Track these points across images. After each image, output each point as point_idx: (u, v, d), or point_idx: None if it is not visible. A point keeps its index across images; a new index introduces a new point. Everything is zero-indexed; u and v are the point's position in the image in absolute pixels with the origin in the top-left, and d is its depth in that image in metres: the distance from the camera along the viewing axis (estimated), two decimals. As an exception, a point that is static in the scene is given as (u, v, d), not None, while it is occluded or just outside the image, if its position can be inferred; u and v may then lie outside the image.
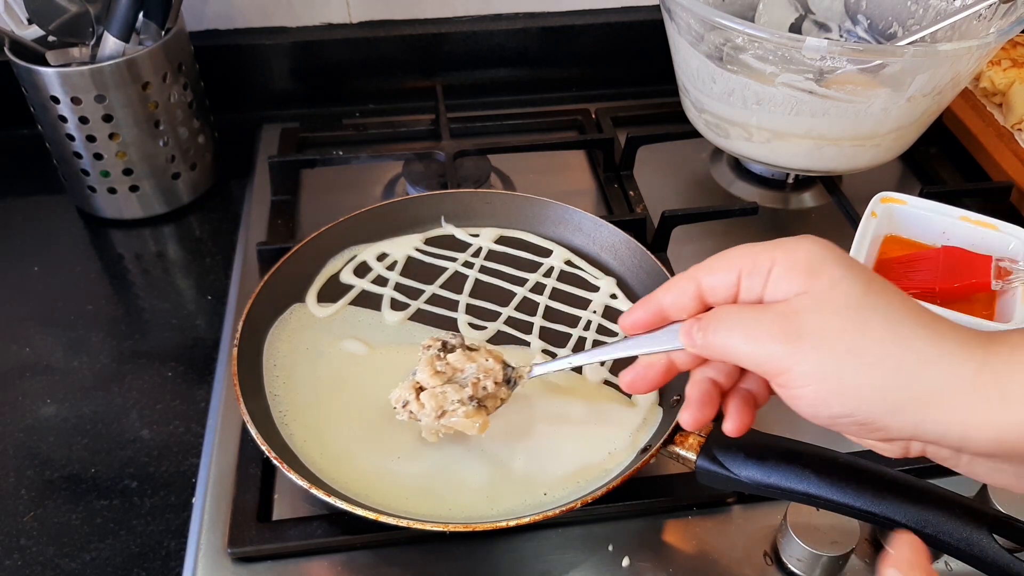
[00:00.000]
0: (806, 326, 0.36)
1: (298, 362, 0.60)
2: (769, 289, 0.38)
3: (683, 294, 0.41)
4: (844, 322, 0.36)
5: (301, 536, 0.52)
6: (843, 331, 0.36)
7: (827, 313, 0.36)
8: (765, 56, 0.70)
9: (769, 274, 0.38)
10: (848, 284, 0.36)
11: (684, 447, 0.50)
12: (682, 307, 0.42)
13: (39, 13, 0.71)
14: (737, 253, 0.39)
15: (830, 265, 0.37)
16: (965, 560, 0.42)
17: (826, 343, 0.36)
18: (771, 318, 0.37)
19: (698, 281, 0.40)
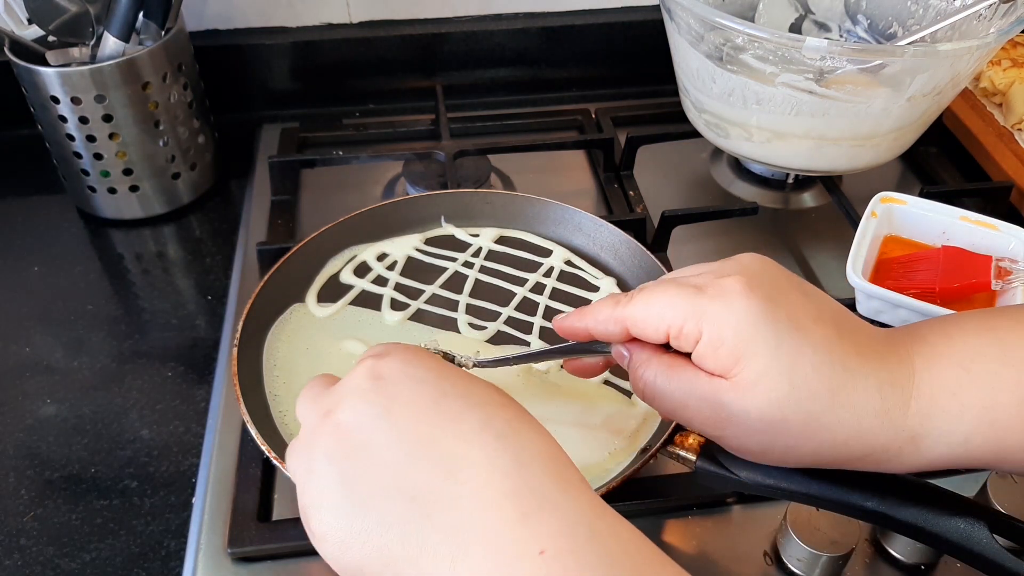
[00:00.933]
0: (731, 419, 0.38)
1: (298, 362, 0.60)
2: (696, 357, 0.38)
3: (612, 333, 0.42)
4: (765, 422, 0.37)
5: (301, 536, 0.52)
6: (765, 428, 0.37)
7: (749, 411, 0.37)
8: (765, 56, 0.70)
9: (696, 344, 0.38)
10: (771, 380, 0.36)
11: (684, 447, 0.50)
12: (610, 339, 0.43)
13: (39, 13, 0.71)
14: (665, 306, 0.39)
15: (755, 353, 0.36)
16: (965, 560, 0.42)
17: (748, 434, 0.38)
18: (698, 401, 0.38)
19: (625, 327, 0.41)
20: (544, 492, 0.32)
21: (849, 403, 0.36)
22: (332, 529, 0.34)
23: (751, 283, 0.37)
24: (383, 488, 0.33)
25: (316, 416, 0.36)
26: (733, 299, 0.37)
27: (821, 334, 0.37)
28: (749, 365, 0.36)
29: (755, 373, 0.36)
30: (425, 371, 0.36)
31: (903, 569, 0.52)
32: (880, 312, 0.62)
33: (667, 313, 0.38)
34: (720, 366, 0.37)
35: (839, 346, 0.37)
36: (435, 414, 0.34)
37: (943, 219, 0.68)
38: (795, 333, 0.36)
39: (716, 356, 0.37)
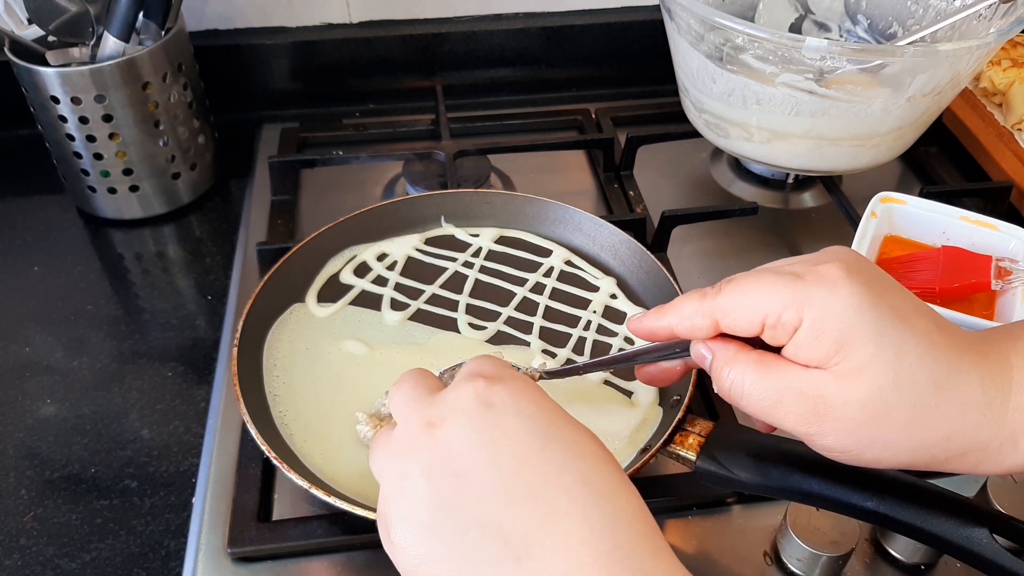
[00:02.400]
0: (829, 413, 0.36)
1: (298, 362, 0.60)
2: (791, 348, 0.37)
3: (697, 328, 0.40)
4: (867, 414, 0.35)
5: (301, 536, 0.52)
6: (866, 422, 0.35)
7: (851, 402, 0.35)
8: (765, 56, 0.70)
9: (794, 333, 0.36)
10: (875, 369, 0.35)
11: (684, 447, 0.50)
12: (695, 335, 0.41)
13: (39, 13, 0.71)
14: (762, 295, 0.37)
15: (859, 340, 0.35)
16: (965, 560, 0.42)
17: (848, 429, 0.36)
18: (793, 397, 0.37)
19: (715, 320, 0.39)
20: (635, 558, 0.32)
21: (953, 397, 0.35)
22: (415, 545, 0.34)
23: (851, 270, 0.36)
24: (478, 521, 0.33)
25: (418, 423, 0.36)
26: (836, 285, 0.35)
27: (923, 326, 0.36)
28: (853, 353, 0.35)
29: (859, 361, 0.35)
30: (536, 408, 0.36)
31: (903, 569, 0.52)
32: (880, 312, 0.62)
33: (764, 301, 0.37)
34: (820, 355, 0.36)
35: (941, 339, 0.36)
36: (540, 460, 0.34)
37: (943, 219, 0.68)
38: (899, 323, 0.35)
39: (816, 345, 0.35)
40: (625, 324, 0.44)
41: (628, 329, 0.44)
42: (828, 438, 0.37)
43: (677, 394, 0.57)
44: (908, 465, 0.37)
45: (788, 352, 0.37)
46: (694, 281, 0.72)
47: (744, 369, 0.38)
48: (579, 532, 0.32)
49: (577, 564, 0.32)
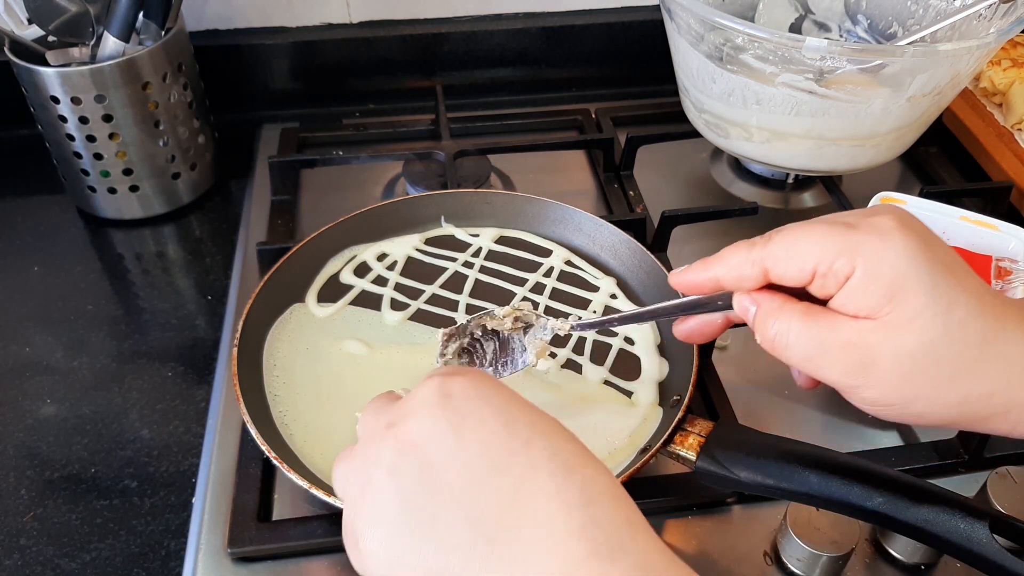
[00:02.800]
0: (876, 364, 0.36)
1: (298, 362, 0.60)
2: (841, 298, 0.36)
3: (746, 278, 0.39)
4: (915, 366, 0.35)
5: (301, 536, 0.52)
6: (913, 374, 0.35)
7: (900, 353, 0.35)
8: (765, 56, 0.70)
9: (846, 281, 0.36)
10: (926, 320, 0.34)
11: (684, 447, 0.50)
12: (742, 286, 0.40)
13: (39, 13, 0.71)
14: (815, 243, 0.36)
15: (912, 291, 0.34)
16: (965, 560, 0.42)
17: (893, 381, 0.36)
18: (839, 347, 0.36)
19: (764, 268, 0.38)
20: (613, 532, 0.31)
21: (999, 354, 0.35)
22: (385, 549, 0.32)
23: (904, 223, 0.36)
24: (447, 511, 0.32)
25: (377, 428, 0.35)
26: (890, 235, 0.35)
27: (973, 281, 0.36)
28: (904, 303, 0.34)
29: (910, 311, 0.34)
30: (495, 393, 0.35)
31: (903, 569, 0.52)
32: (880, 312, 0.62)
33: (815, 249, 0.36)
34: (870, 305, 0.35)
35: (989, 297, 0.36)
36: (505, 438, 0.33)
37: (943, 219, 0.68)
38: (950, 276, 0.35)
39: (867, 293, 0.35)
40: (670, 278, 0.43)
41: (671, 283, 0.43)
42: (873, 391, 0.37)
43: (677, 394, 0.57)
44: (950, 422, 0.37)
45: (837, 303, 0.36)
46: (694, 281, 0.72)
47: (790, 319, 0.38)
48: (552, 506, 0.31)
49: (552, 541, 0.30)
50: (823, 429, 0.62)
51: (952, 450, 0.58)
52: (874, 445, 0.60)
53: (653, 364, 0.61)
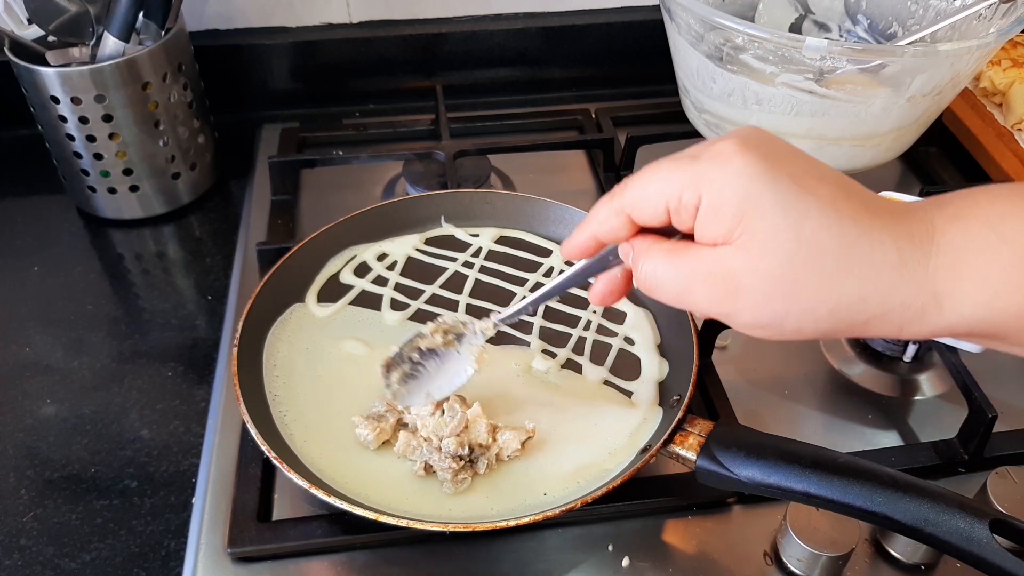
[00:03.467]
0: (740, 288, 0.36)
1: (298, 362, 0.60)
2: (698, 228, 0.37)
3: (616, 228, 0.40)
4: (777, 283, 0.36)
5: (301, 536, 0.52)
6: (777, 292, 0.36)
7: (759, 274, 0.36)
8: (765, 56, 0.70)
9: (696, 212, 0.36)
10: (777, 237, 0.35)
11: (684, 447, 0.50)
12: (617, 236, 0.41)
13: (39, 13, 0.71)
14: (662, 181, 0.38)
15: (759, 210, 0.35)
16: (965, 560, 0.42)
17: (760, 301, 0.36)
18: (704, 277, 0.37)
19: (626, 215, 0.39)
20: None
21: (863, 257, 0.35)
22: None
23: (746, 144, 0.36)
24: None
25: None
26: (729, 159, 0.36)
27: (826, 192, 0.36)
28: (753, 225, 0.35)
29: (760, 232, 0.35)
30: None
31: (903, 569, 0.52)
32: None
33: (664, 187, 0.37)
34: (722, 231, 0.36)
35: (847, 203, 0.36)
36: None
37: (943, 219, 0.68)
38: (797, 190, 0.35)
39: (718, 220, 0.36)
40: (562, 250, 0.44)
41: (561, 255, 0.44)
42: (745, 315, 0.37)
43: (677, 394, 0.57)
44: (830, 332, 0.37)
45: (696, 235, 0.37)
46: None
47: (657, 258, 0.39)
48: None
49: None
50: (823, 429, 0.62)
51: (952, 450, 0.58)
52: (874, 445, 0.60)
53: (653, 364, 0.61)
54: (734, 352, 0.67)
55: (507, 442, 0.54)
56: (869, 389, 0.64)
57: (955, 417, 0.59)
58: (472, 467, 0.53)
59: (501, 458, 0.54)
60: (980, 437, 0.56)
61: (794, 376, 0.65)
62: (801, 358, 0.67)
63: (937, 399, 0.64)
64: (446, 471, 0.52)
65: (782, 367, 0.66)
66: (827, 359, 0.67)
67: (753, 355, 0.67)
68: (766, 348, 0.67)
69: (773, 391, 0.64)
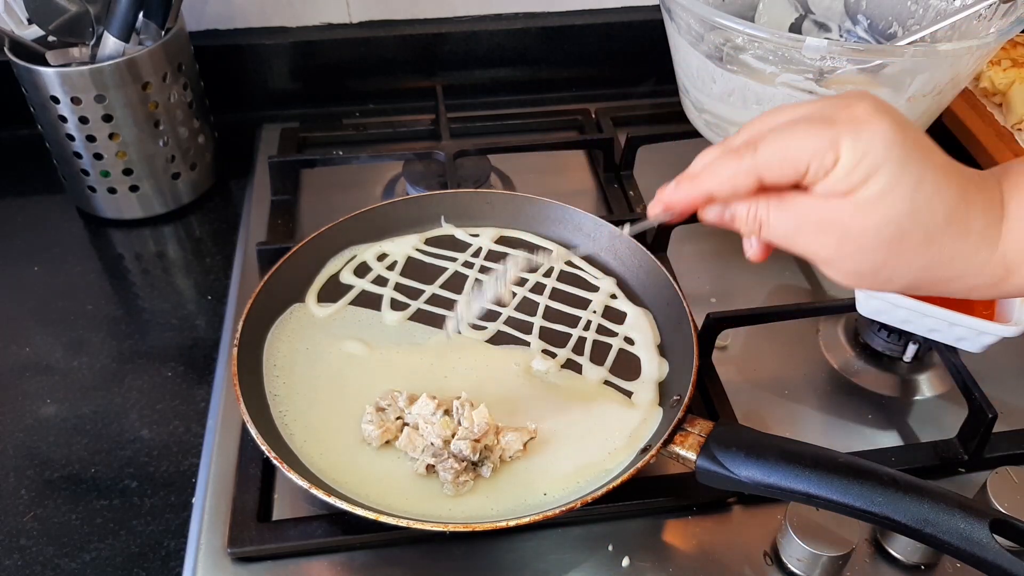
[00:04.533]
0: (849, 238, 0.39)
1: (298, 362, 0.60)
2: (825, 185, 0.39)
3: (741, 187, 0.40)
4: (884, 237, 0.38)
5: (301, 536, 0.52)
6: (882, 244, 0.39)
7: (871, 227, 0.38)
8: (765, 56, 0.70)
9: (831, 169, 0.38)
10: (895, 196, 0.38)
11: (684, 447, 0.50)
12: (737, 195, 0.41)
13: (39, 13, 0.71)
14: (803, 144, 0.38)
15: (884, 171, 0.37)
16: (965, 560, 0.42)
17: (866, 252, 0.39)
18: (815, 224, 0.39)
19: (759, 177, 0.40)
20: None
21: (960, 223, 0.39)
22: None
23: (880, 109, 0.38)
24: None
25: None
26: (867, 123, 0.38)
27: (940, 160, 0.39)
28: (876, 182, 0.37)
29: (880, 190, 0.37)
30: None
31: (903, 569, 0.52)
32: (880, 312, 0.62)
33: (806, 147, 0.38)
34: (847, 187, 0.38)
35: (954, 171, 0.39)
36: None
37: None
38: (920, 154, 0.38)
39: (848, 179, 0.38)
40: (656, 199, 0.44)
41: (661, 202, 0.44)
42: (847, 262, 0.40)
43: (677, 394, 0.57)
44: (913, 286, 0.41)
45: (820, 188, 0.39)
46: (694, 281, 0.73)
47: (768, 206, 0.41)
48: None
49: None
50: (823, 429, 0.62)
51: (952, 450, 0.58)
52: (874, 445, 0.60)
53: (653, 364, 0.61)
54: (734, 352, 0.67)
55: (510, 443, 0.54)
56: (869, 389, 0.64)
57: (955, 417, 0.59)
58: (475, 470, 0.53)
59: (503, 459, 0.54)
60: (980, 437, 0.56)
61: (794, 376, 0.65)
62: (801, 358, 0.67)
63: (937, 399, 0.64)
64: (448, 471, 0.52)
65: (782, 367, 0.66)
66: (827, 359, 0.67)
67: (753, 355, 0.67)
68: (766, 348, 0.67)
69: (773, 391, 0.64)
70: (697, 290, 0.72)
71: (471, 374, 0.60)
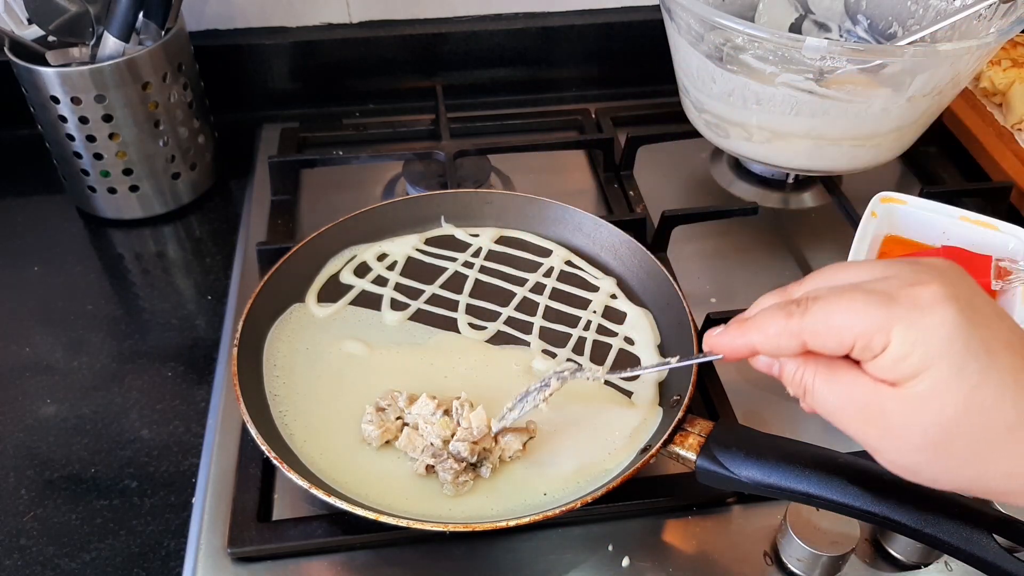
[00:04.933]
0: (892, 430, 0.36)
1: (298, 362, 0.60)
2: (872, 366, 0.36)
3: (784, 348, 0.38)
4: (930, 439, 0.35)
5: (301, 536, 0.52)
6: (927, 445, 0.35)
7: (916, 424, 0.35)
8: (765, 56, 0.70)
9: (882, 353, 0.35)
10: (946, 398, 0.34)
11: (684, 447, 0.50)
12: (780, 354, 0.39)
13: (39, 13, 0.71)
14: (854, 317, 0.35)
15: (939, 367, 0.34)
16: (965, 560, 0.42)
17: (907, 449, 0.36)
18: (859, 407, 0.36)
19: (803, 341, 0.37)
20: None
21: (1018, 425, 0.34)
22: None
23: (947, 295, 0.35)
24: None
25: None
26: (931, 310, 0.34)
27: (1009, 363, 0.35)
28: (926, 379, 0.34)
29: (929, 388, 0.34)
30: None
31: (903, 569, 0.52)
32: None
33: (855, 324, 0.35)
34: (896, 376, 0.35)
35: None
36: None
37: (943, 219, 0.68)
38: (984, 356, 0.34)
39: (896, 368, 0.35)
40: (704, 340, 0.42)
41: (706, 346, 0.42)
42: (889, 453, 0.37)
43: (677, 394, 0.57)
44: (964, 491, 0.37)
45: (868, 367, 0.36)
46: (694, 281, 0.73)
47: (816, 372, 0.38)
48: None
49: None
50: (823, 429, 0.61)
51: (952, 450, 0.58)
52: (874, 445, 0.59)
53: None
54: (734, 352, 0.67)
55: (509, 443, 0.54)
56: (869, 389, 0.64)
57: (955, 417, 0.59)
58: (475, 471, 0.53)
59: (503, 459, 0.54)
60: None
61: (794, 376, 0.65)
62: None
63: (937, 399, 0.64)
64: (447, 472, 0.52)
65: (782, 367, 0.66)
66: (827, 359, 0.67)
67: (753, 355, 0.67)
68: (766, 348, 0.67)
69: (773, 391, 0.64)
70: (697, 290, 0.72)
71: (471, 374, 0.60)
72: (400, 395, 0.56)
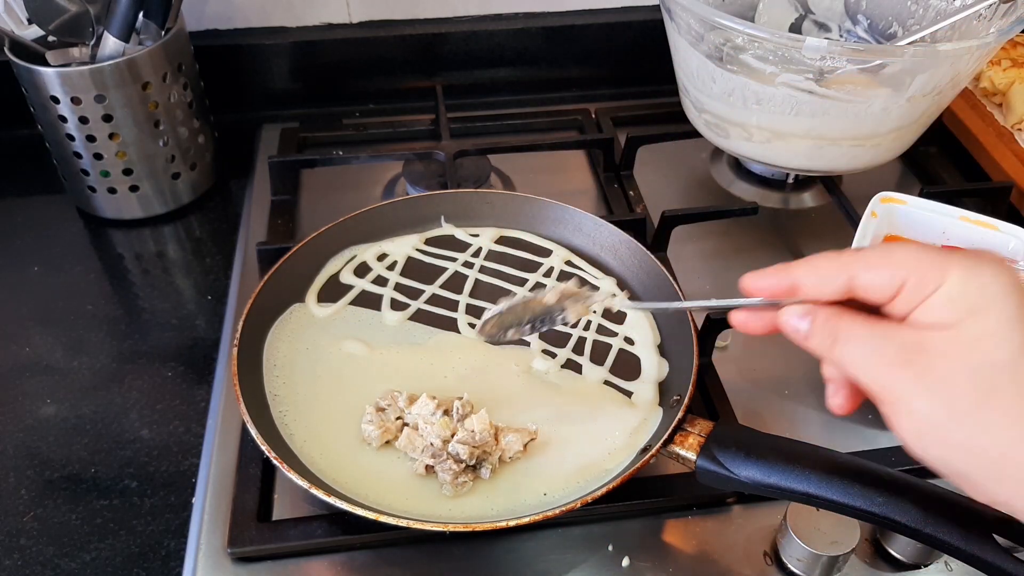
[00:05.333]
0: (934, 369, 0.34)
1: (298, 362, 0.60)
2: (922, 311, 0.34)
3: (829, 282, 0.37)
4: (973, 382, 0.33)
5: (301, 536, 0.52)
6: (968, 390, 0.33)
7: (960, 366, 0.33)
8: (765, 56, 0.70)
9: (933, 294, 0.34)
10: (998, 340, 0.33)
11: (684, 447, 0.50)
12: (821, 293, 0.38)
13: (39, 13, 0.71)
14: (907, 257, 0.35)
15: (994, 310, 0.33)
16: (965, 560, 0.42)
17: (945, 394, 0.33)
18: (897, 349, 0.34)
19: (853, 276, 0.36)
20: None
21: None
22: None
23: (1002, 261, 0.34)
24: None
25: None
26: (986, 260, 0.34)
27: None
28: (983, 319, 0.33)
29: (983, 329, 0.33)
30: None
31: (903, 569, 0.52)
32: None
33: (911, 260, 0.34)
34: (947, 318, 0.33)
35: None
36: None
37: (943, 219, 0.68)
38: None
39: (951, 306, 0.33)
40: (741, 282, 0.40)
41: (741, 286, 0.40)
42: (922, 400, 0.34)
43: (677, 394, 0.57)
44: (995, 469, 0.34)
45: (915, 314, 0.35)
46: (694, 281, 0.73)
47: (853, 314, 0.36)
48: None
49: None
50: (823, 429, 0.62)
51: (952, 450, 0.58)
52: (874, 445, 0.60)
53: (653, 364, 0.61)
54: (734, 352, 0.67)
55: (510, 444, 0.54)
56: (869, 389, 0.64)
57: (955, 417, 0.59)
58: (475, 471, 0.53)
59: (503, 459, 0.54)
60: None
61: (794, 376, 0.65)
62: (801, 358, 0.67)
63: (937, 399, 0.64)
64: (447, 472, 0.52)
65: (782, 367, 0.66)
66: (827, 359, 0.67)
67: (753, 355, 0.67)
68: (766, 348, 0.67)
69: (773, 391, 0.64)
70: (697, 290, 0.72)
71: (471, 374, 0.60)
72: (400, 395, 0.56)
